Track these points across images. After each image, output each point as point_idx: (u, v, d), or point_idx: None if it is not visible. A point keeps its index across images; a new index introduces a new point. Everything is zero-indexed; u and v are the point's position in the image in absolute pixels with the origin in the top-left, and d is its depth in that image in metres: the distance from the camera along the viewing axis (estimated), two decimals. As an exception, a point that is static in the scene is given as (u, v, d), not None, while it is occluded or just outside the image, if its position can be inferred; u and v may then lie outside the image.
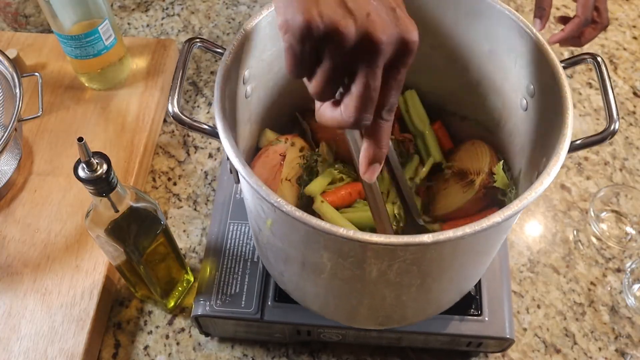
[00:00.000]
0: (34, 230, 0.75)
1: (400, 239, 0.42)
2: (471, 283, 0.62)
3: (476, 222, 0.42)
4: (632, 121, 0.89)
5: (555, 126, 0.48)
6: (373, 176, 0.43)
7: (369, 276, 0.49)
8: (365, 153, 0.42)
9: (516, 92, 0.58)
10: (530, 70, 0.54)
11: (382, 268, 0.47)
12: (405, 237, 0.42)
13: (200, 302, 0.64)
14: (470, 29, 0.59)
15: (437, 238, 0.41)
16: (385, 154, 0.43)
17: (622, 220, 0.79)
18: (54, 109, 0.85)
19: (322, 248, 0.48)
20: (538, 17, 0.71)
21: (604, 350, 0.70)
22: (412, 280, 0.50)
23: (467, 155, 0.66)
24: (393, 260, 0.46)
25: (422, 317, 0.61)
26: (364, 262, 0.47)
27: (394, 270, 0.47)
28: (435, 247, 0.45)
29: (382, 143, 0.42)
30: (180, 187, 0.83)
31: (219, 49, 0.56)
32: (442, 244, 0.42)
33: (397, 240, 0.42)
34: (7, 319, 0.68)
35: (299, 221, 0.43)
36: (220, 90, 0.49)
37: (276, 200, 0.43)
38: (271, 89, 0.62)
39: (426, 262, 0.48)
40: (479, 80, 0.63)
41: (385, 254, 0.45)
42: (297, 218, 0.43)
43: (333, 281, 0.53)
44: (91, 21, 0.78)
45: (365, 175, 0.43)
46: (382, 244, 0.42)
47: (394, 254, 0.45)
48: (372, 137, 0.42)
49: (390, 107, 0.40)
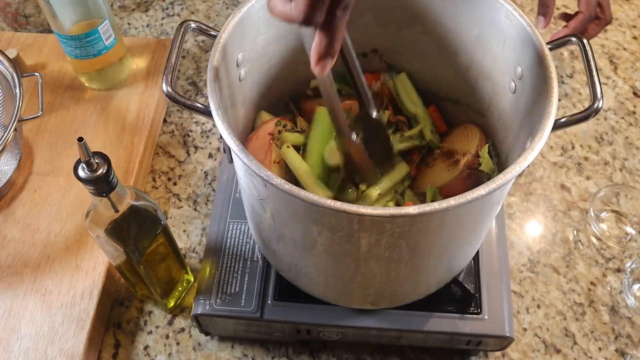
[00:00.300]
0: (34, 230, 0.75)
1: (386, 211, 0.43)
2: (461, 264, 0.62)
3: (461, 195, 0.43)
4: (632, 121, 0.89)
5: (541, 106, 0.49)
6: (323, 70, 0.43)
7: (359, 251, 0.50)
8: (316, 47, 0.42)
9: (505, 76, 0.58)
10: (518, 53, 0.55)
11: (371, 242, 0.48)
12: (391, 209, 0.43)
13: (200, 301, 0.65)
14: (459, 13, 0.60)
15: (422, 209, 0.42)
16: (337, 50, 0.42)
17: (622, 220, 0.79)
18: (54, 109, 0.85)
19: (312, 222, 0.48)
20: (542, 15, 0.71)
21: (604, 350, 0.70)
22: (401, 255, 0.51)
23: (458, 138, 0.66)
24: (381, 233, 0.47)
25: (413, 297, 0.62)
26: (352, 235, 0.48)
27: (383, 244, 0.48)
28: (421, 220, 0.46)
29: (334, 38, 0.41)
30: (180, 187, 0.83)
31: (213, 32, 0.56)
32: (428, 215, 0.43)
33: (383, 212, 0.42)
34: (7, 319, 0.68)
35: (288, 193, 0.43)
36: (213, 70, 0.50)
37: (266, 173, 0.44)
38: (265, 72, 0.63)
39: (413, 235, 0.48)
40: (468, 64, 0.63)
41: (372, 227, 0.46)
42: (286, 191, 0.43)
43: (324, 257, 0.53)
44: (91, 21, 0.78)
45: (316, 68, 0.43)
46: (369, 215, 0.42)
47: (382, 227, 0.46)
48: (325, 32, 0.41)
49: (345, 5, 0.40)
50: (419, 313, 0.63)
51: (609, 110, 0.90)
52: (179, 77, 0.94)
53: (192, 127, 0.88)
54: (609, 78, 0.93)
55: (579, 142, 0.87)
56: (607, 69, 0.94)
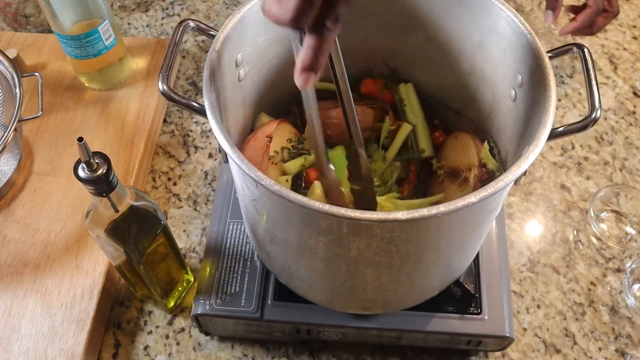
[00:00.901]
0: (34, 230, 0.75)
1: (374, 215, 0.42)
2: (457, 270, 0.62)
3: (451, 202, 0.43)
4: (632, 121, 0.89)
5: (539, 114, 0.49)
6: (306, 84, 0.42)
7: (349, 255, 0.50)
8: (301, 57, 0.42)
9: (505, 83, 0.58)
10: (519, 60, 0.55)
11: (361, 246, 0.48)
12: (380, 214, 0.42)
13: (200, 301, 0.65)
14: (461, 20, 0.60)
15: (411, 215, 0.42)
16: (322, 65, 0.42)
17: (622, 220, 0.79)
18: (54, 109, 0.85)
19: (303, 225, 0.48)
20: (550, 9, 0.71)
21: (604, 350, 0.70)
22: (392, 261, 0.51)
23: (454, 152, 0.66)
24: (370, 238, 0.46)
25: (407, 303, 0.62)
26: (342, 239, 0.48)
27: (373, 249, 0.48)
28: (411, 225, 0.45)
29: (320, 51, 0.41)
30: (180, 187, 0.83)
31: (213, 31, 0.56)
32: (418, 221, 0.43)
33: (371, 216, 0.42)
34: (7, 319, 0.68)
35: (277, 195, 0.43)
36: (209, 70, 0.50)
37: (257, 174, 0.44)
38: (265, 74, 0.63)
39: (404, 241, 0.48)
40: (470, 70, 0.63)
41: (362, 231, 0.46)
42: (275, 191, 0.43)
43: (316, 260, 0.53)
44: (91, 21, 0.78)
45: (299, 79, 0.42)
46: (357, 218, 0.42)
47: (371, 231, 0.46)
48: (312, 44, 0.41)
49: (336, 18, 0.40)
50: (419, 313, 0.63)
51: (609, 110, 0.90)
52: (179, 77, 0.94)
53: (192, 127, 0.88)
54: (609, 78, 0.93)
55: (579, 142, 0.87)
56: (607, 69, 0.94)
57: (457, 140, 0.65)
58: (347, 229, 0.46)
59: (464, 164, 0.63)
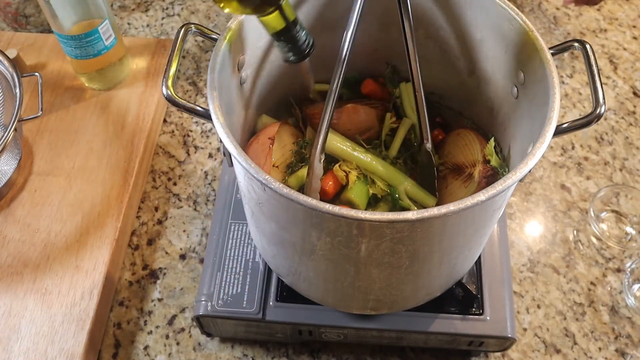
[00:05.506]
0: (34, 230, 0.74)
1: (385, 216, 0.42)
2: (462, 269, 0.62)
3: (461, 200, 0.43)
4: (632, 121, 0.89)
5: (543, 112, 0.49)
6: None
7: (358, 256, 0.50)
8: None
9: (507, 81, 0.58)
10: (520, 58, 0.55)
11: (370, 247, 0.48)
12: (390, 214, 0.42)
13: (201, 302, 0.64)
14: (462, 17, 0.60)
15: (421, 215, 0.42)
16: None
17: (622, 220, 0.79)
18: (54, 109, 0.85)
19: (311, 227, 0.48)
20: None
21: (604, 350, 0.70)
22: (401, 261, 0.51)
23: (457, 148, 0.66)
24: (380, 239, 0.46)
25: (413, 302, 0.62)
26: (351, 240, 0.47)
27: (382, 249, 0.48)
28: (420, 225, 0.45)
29: None
30: (180, 187, 0.83)
31: (214, 35, 0.56)
32: (427, 221, 0.43)
33: (382, 217, 0.42)
34: (7, 319, 0.68)
35: (286, 197, 0.43)
36: (213, 73, 0.50)
37: (264, 177, 0.44)
38: (267, 77, 0.63)
39: (413, 241, 0.48)
40: (471, 69, 0.63)
41: (371, 232, 0.46)
42: (284, 195, 0.43)
43: (323, 262, 0.53)
44: (91, 21, 0.78)
45: None
46: (368, 220, 0.42)
47: (381, 232, 0.45)
48: None
49: None
50: (421, 314, 0.63)
51: (609, 110, 0.90)
52: (179, 77, 0.94)
53: (192, 127, 0.88)
54: (609, 78, 0.93)
55: (579, 142, 0.87)
56: (607, 69, 0.94)
57: (460, 136, 0.65)
58: (357, 230, 0.46)
59: (467, 160, 0.63)
